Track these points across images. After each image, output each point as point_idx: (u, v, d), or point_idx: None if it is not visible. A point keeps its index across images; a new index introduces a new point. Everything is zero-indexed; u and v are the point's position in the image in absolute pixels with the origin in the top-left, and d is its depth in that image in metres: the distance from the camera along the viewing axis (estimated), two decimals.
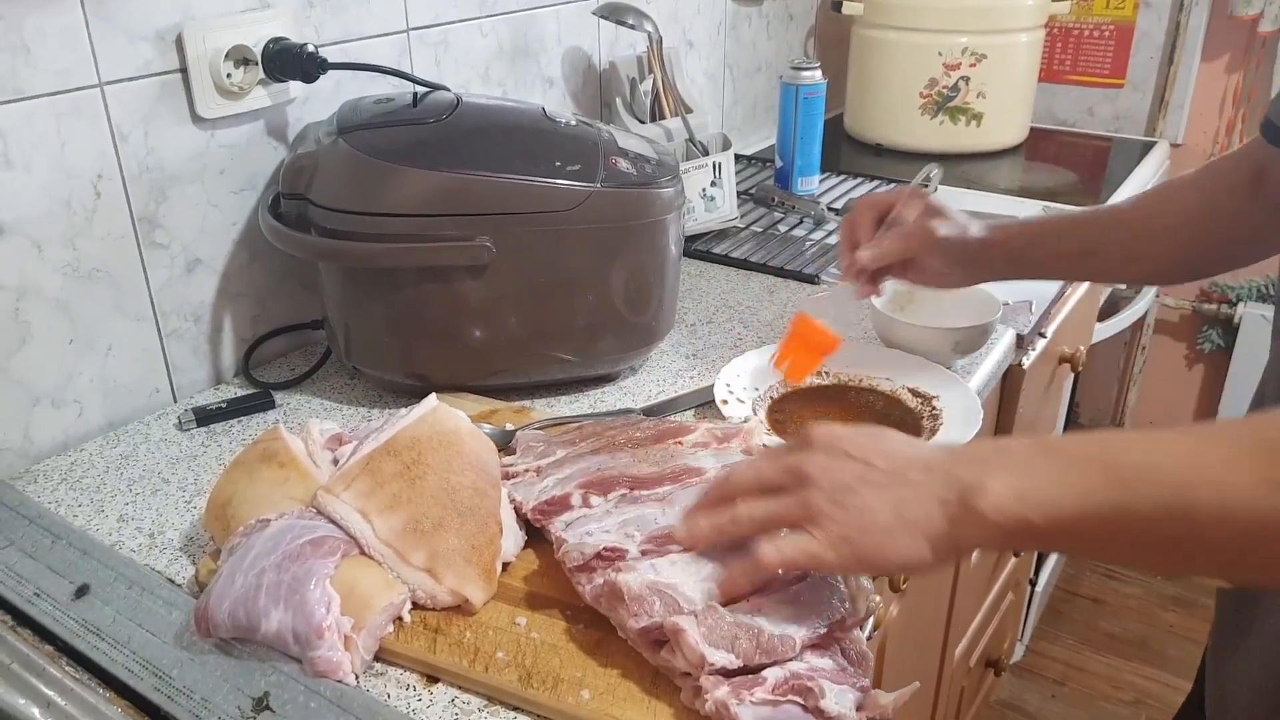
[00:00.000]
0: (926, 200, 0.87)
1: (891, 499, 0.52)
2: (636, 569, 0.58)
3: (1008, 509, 0.48)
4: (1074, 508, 0.47)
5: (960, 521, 0.50)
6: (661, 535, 0.61)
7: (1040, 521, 0.48)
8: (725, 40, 1.65)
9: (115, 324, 0.88)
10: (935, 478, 0.51)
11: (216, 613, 0.60)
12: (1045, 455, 0.49)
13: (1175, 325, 2.15)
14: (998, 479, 0.49)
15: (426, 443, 0.67)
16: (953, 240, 0.84)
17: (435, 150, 0.83)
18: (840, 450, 0.54)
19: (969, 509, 0.49)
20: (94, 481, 0.81)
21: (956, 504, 0.50)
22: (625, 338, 0.93)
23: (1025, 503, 0.48)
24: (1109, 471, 0.47)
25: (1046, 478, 0.48)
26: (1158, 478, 0.46)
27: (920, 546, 0.51)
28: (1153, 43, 1.92)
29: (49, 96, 0.79)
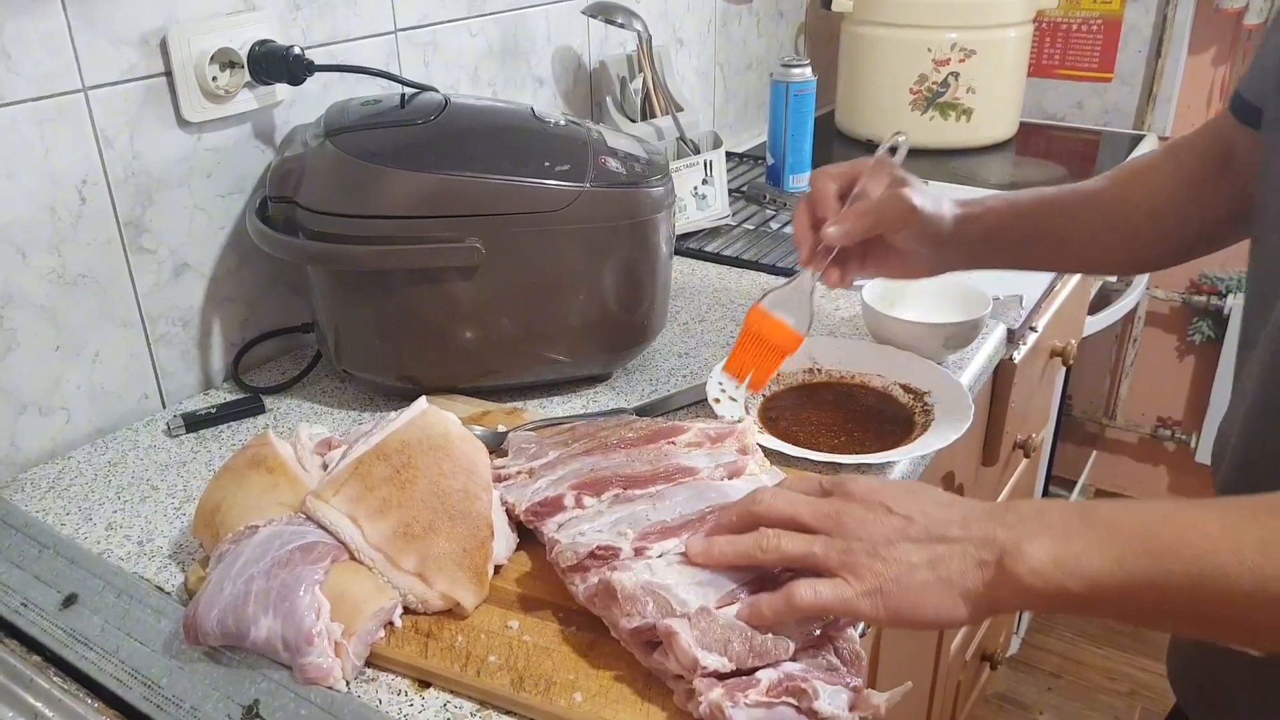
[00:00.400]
0: (894, 171, 0.78)
1: (929, 555, 0.52)
2: (631, 568, 0.58)
3: (1046, 575, 0.49)
4: (1111, 578, 0.48)
5: (997, 584, 0.50)
6: (654, 531, 0.61)
7: (1078, 589, 0.49)
8: (715, 38, 1.64)
9: (102, 330, 0.87)
10: (973, 537, 0.52)
11: (205, 620, 0.59)
12: (1083, 523, 0.50)
13: (1166, 317, 2.16)
14: (1036, 544, 0.50)
15: (416, 446, 0.66)
16: (928, 213, 0.77)
17: (424, 152, 0.83)
18: (880, 504, 0.55)
19: (1006, 572, 0.50)
20: (82, 489, 0.81)
21: (994, 566, 0.50)
22: (617, 337, 0.92)
23: (1064, 570, 0.49)
24: (1147, 545, 0.48)
25: (1085, 546, 0.49)
26: (1193, 557, 0.47)
27: (956, 604, 0.51)
28: (1140, 36, 1.92)
29: (32, 102, 0.79)
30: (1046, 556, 0.49)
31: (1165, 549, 0.48)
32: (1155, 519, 0.49)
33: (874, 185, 0.78)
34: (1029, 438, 1.38)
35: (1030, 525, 0.51)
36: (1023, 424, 1.36)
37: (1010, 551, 0.50)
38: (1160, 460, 2.31)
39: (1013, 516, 0.52)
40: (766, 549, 0.56)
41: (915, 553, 0.52)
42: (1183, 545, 0.47)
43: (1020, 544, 0.50)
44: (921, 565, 0.52)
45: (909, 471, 0.84)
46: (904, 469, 0.83)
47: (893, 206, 0.76)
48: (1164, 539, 0.48)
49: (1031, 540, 0.50)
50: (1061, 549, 0.49)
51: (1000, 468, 1.34)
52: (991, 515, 0.52)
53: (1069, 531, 0.50)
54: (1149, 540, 0.48)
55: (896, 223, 0.77)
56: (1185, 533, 0.48)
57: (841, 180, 0.79)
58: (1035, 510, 0.52)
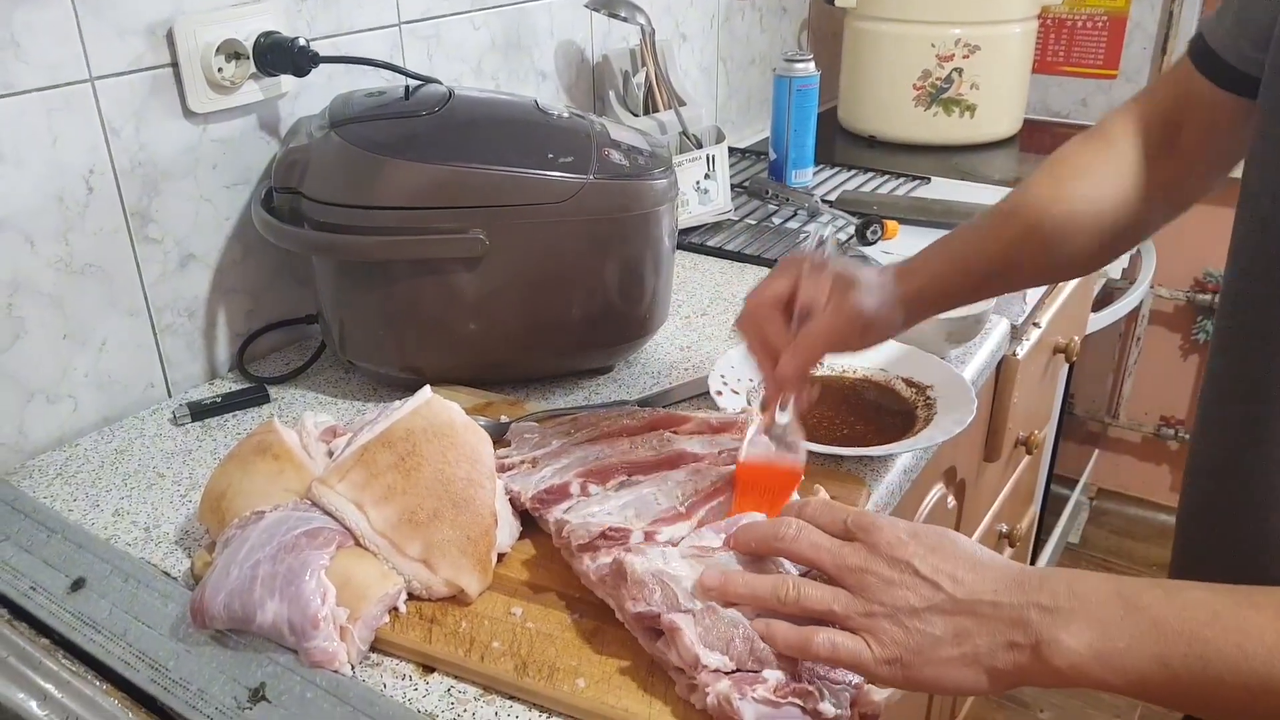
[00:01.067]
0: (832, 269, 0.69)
1: (955, 629, 0.50)
2: (646, 553, 0.58)
3: (1085, 669, 0.47)
4: (1155, 676, 0.47)
5: (1029, 669, 0.49)
6: (664, 517, 0.62)
7: (1119, 684, 0.47)
8: (718, 33, 1.65)
9: (109, 319, 0.88)
10: (1004, 616, 0.49)
11: (212, 604, 0.60)
12: (1125, 611, 0.48)
13: (1170, 316, 2.16)
14: (1073, 634, 0.47)
15: (421, 434, 0.67)
16: (883, 318, 0.71)
17: (428, 143, 0.83)
18: (906, 564, 0.52)
19: (1041, 660, 0.48)
20: (89, 476, 0.81)
21: (1028, 652, 0.48)
22: (619, 330, 0.93)
23: (1103, 664, 0.47)
24: (1195, 647, 0.46)
25: (1126, 640, 0.47)
26: (1247, 668, 0.45)
27: (978, 678, 0.50)
28: (1145, 33, 1.92)
29: (40, 91, 0.79)
30: (1086, 650, 0.47)
31: (1217, 654, 0.45)
32: (1203, 616, 0.47)
33: (816, 293, 0.68)
34: (1031, 435, 1.38)
35: (1066, 609, 0.48)
36: (1025, 421, 1.36)
37: (1046, 640, 0.48)
38: (1163, 460, 2.31)
39: (1047, 595, 0.49)
40: (785, 600, 0.54)
41: (941, 625, 0.50)
42: (1239, 655, 0.45)
43: (1057, 634, 0.48)
44: (946, 639, 0.50)
45: (911, 465, 0.84)
46: (906, 462, 0.83)
47: (846, 326, 0.69)
48: (1215, 643, 0.46)
49: (1068, 629, 0.47)
50: (1102, 643, 0.47)
51: (1002, 464, 1.35)
52: (1024, 588, 0.50)
53: (1109, 623, 0.47)
54: (1198, 643, 0.46)
55: (854, 339, 0.71)
56: (1239, 639, 0.45)
57: (782, 300, 0.70)
58: (1070, 590, 0.49)
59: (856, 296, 0.68)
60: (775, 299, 0.69)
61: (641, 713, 0.56)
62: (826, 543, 0.55)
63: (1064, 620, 0.48)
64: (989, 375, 1.09)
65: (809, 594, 0.54)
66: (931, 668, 0.50)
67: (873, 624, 0.51)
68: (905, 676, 0.51)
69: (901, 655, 0.50)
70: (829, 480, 0.76)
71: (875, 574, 0.52)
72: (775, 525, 0.57)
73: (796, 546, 0.56)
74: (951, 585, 0.51)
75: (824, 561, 0.54)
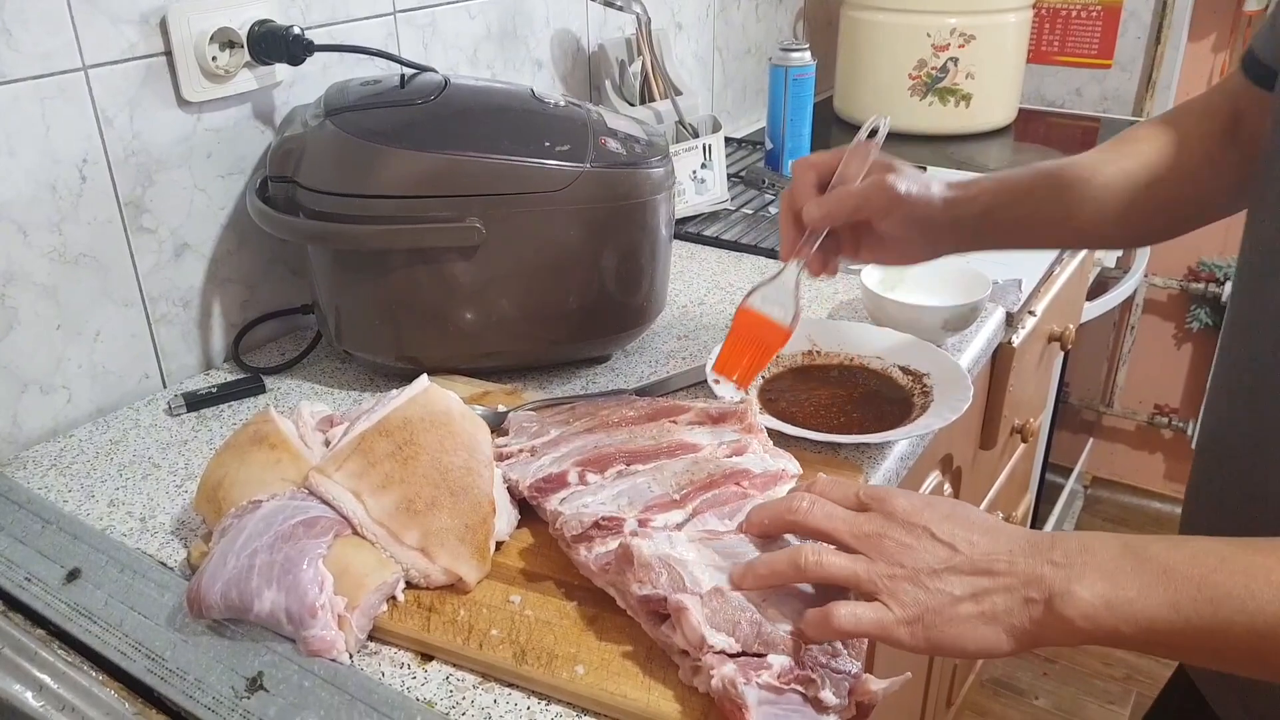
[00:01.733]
0: (875, 155, 0.74)
1: (973, 588, 0.51)
2: (652, 537, 0.58)
3: (1098, 618, 0.48)
4: (1165, 622, 0.47)
5: (1045, 623, 0.49)
6: (657, 504, 0.62)
7: (1130, 632, 0.48)
8: (714, 22, 1.64)
9: (103, 309, 0.87)
10: (1019, 573, 0.50)
11: (209, 594, 0.59)
12: (1135, 564, 0.49)
13: (1164, 305, 2.16)
14: (1087, 586, 0.48)
15: (418, 423, 0.67)
16: (915, 197, 0.73)
17: (424, 131, 0.83)
18: (923, 529, 0.53)
19: (1056, 613, 0.49)
20: (84, 467, 0.81)
21: (1043, 606, 0.49)
22: (617, 319, 0.93)
23: (1116, 613, 0.48)
24: (1204, 591, 0.47)
25: (1138, 588, 0.48)
26: (1257, 608, 0.46)
27: (999, 638, 0.50)
28: (1140, 23, 1.92)
29: (32, 80, 0.78)
30: (1098, 600, 0.48)
31: (1226, 596, 0.46)
32: (1211, 562, 0.48)
33: (854, 169, 0.73)
34: (1027, 423, 1.38)
35: (1078, 564, 0.49)
36: (1021, 408, 1.37)
37: (1060, 593, 0.49)
38: (1157, 448, 2.32)
39: (1059, 553, 0.50)
40: (807, 567, 0.54)
41: (959, 585, 0.51)
42: (1246, 594, 0.46)
43: (1070, 585, 0.49)
44: (965, 598, 0.50)
45: (908, 452, 0.84)
46: (903, 449, 0.83)
47: (875, 191, 0.72)
48: (1224, 586, 0.47)
49: (1081, 581, 0.49)
50: (1113, 592, 0.48)
51: (998, 452, 1.35)
52: (1037, 549, 0.51)
53: (1119, 572, 0.48)
54: (1206, 587, 0.47)
55: (880, 208, 0.73)
56: (1247, 580, 0.46)
57: (820, 168, 0.75)
58: (1081, 545, 0.50)
59: (891, 176, 0.73)
60: (814, 165, 0.75)
61: (640, 699, 0.56)
62: (840, 513, 0.55)
63: (1077, 574, 0.49)
64: (985, 363, 1.09)
65: (830, 560, 0.54)
66: (952, 626, 0.51)
67: (893, 585, 0.52)
68: (926, 637, 0.51)
69: (922, 615, 0.51)
70: (826, 468, 0.76)
71: (893, 538, 0.53)
72: (787, 500, 0.58)
73: (811, 519, 0.56)
74: (968, 547, 0.52)
75: (840, 530, 0.55)
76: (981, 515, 0.54)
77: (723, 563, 0.58)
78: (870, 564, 0.53)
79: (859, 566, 0.53)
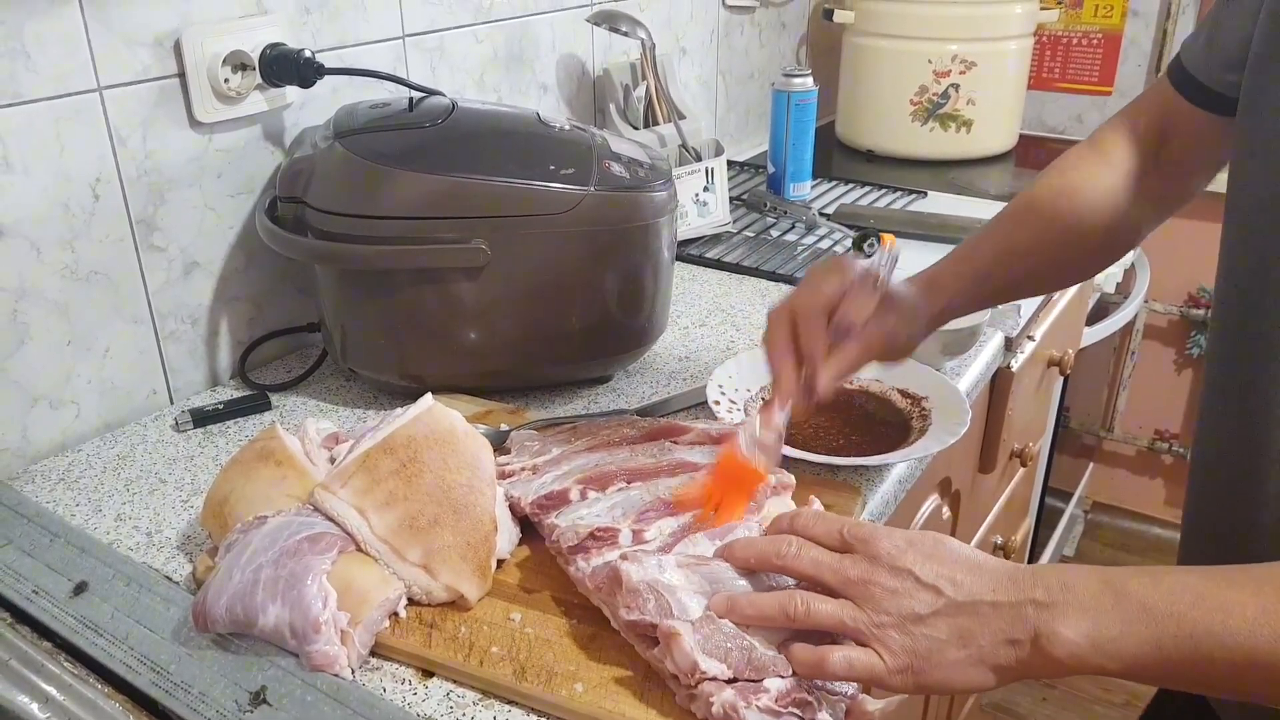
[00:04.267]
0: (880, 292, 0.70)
1: (959, 630, 0.52)
2: (641, 561, 0.59)
3: (1083, 656, 0.50)
4: (1149, 658, 0.49)
5: (1030, 662, 0.51)
6: (650, 510, 0.62)
7: (1115, 668, 0.50)
8: (718, 47, 1.66)
9: (113, 326, 0.89)
10: (1004, 613, 0.51)
11: (214, 608, 0.60)
12: (1115, 599, 0.50)
13: (1164, 330, 2.17)
14: (1070, 625, 0.50)
15: (422, 441, 0.67)
16: (912, 336, 0.75)
17: (431, 154, 0.84)
18: (907, 572, 0.53)
19: (1042, 652, 0.50)
20: (91, 481, 0.82)
21: (1029, 646, 0.50)
22: (619, 340, 0.94)
23: (1101, 652, 0.49)
24: (1183, 627, 0.48)
25: (1119, 627, 0.49)
26: (1232, 643, 0.48)
27: (984, 676, 0.52)
28: (1140, 51, 1.94)
29: (48, 101, 0.80)
30: (1083, 640, 0.49)
31: (1205, 633, 0.48)
32: (1188, 598, 0.49)
33: (859, 310, 0.68)
34: (1026, 447, 1.39)
35: (1060, 602, 0.50)
36: (1020, 433, 1.37)
37: (1044, 634, 0.50)
38: (1157, 473, 2.32)
39: (1041, 590, 0.51)
40: (795, 617, 0.55)
41: (945, 629, 0.52)
42: (1223, 630, 0.48)
43: (1054, 626, 0.50)
44: (952, 642, 0.52)
45: (906, 474, 0.85)
46: (901, 472, 0.84)
47: (878, 344, 0.71)
48: (1202, 623, 0.48)
49: (1065, 621, 0.50)
50: (1097, 631, 0.49)
51: (997, 476, 1.35)
52: (1019, 585, 0.52)
53: (1100, 610, 0.50)
54: (1185, 623, 0.48)
55: (881, 357, 0.73)
56: (1224, 617, 0.48)
57: (829, 307, 0.69)
58: (1062, 582, 0.51)
59: (894, 323, 0.71)
60: (824, 306, 0.68)
61: (638, 718, 0.56)
62: (826, 558, 0.56)
63: (1060, 613, 0.50)
64: (984, 387, 1.10)
65: (818, 609, 0.54)
66: (940, 671, 0.52)
67: (882, 634, 0.53)
68: (916, 682, 0.52)
69: (912, 663, 0.52)
70: (824, 490, 0.76)
71: (879, 584, 0.54)
72: (774, 543, 0.58)
73: (798, 565, 0.56)
74: (952, 589, 0.52)
75: (826, 577, 0.55)
76: (963, 551, 0.55)
77: (710, 589, 0.58)
78: (857, 611, 0.53)
79: (845, 614, 0.54)
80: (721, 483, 0.69)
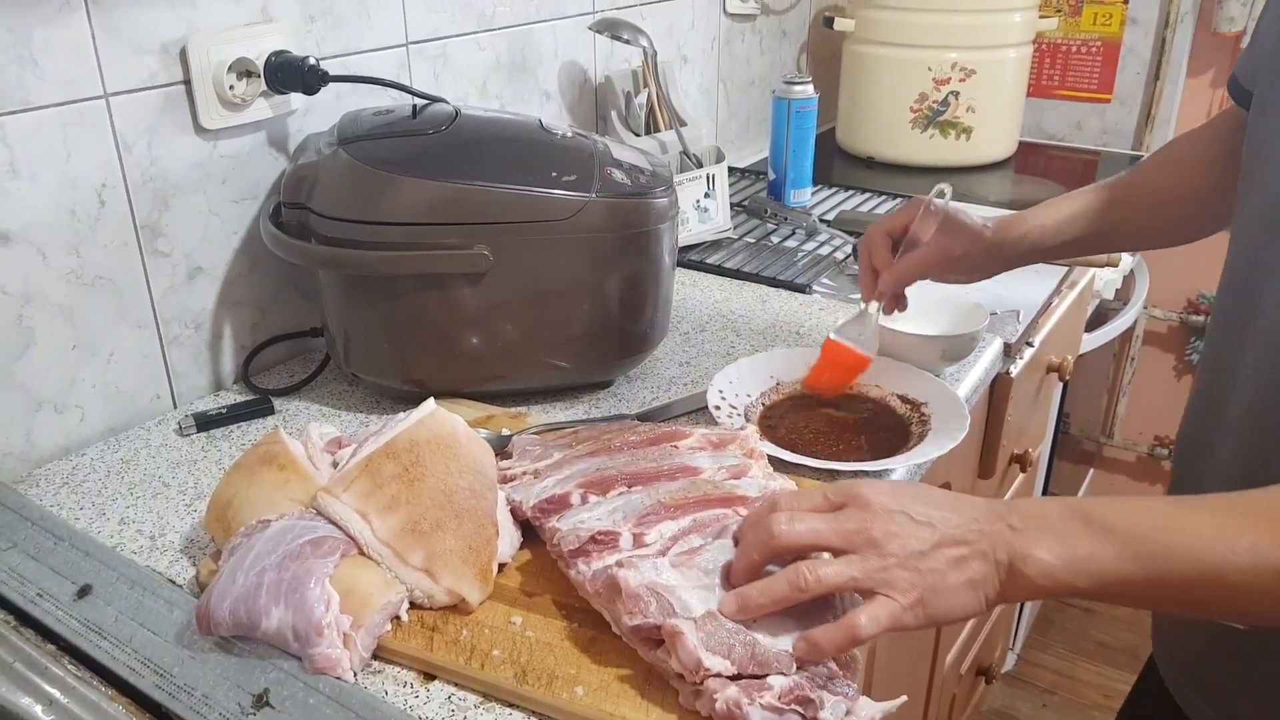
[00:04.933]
0: (941, 215, 0.88)
1: (954, 559, 0.55)
2: (637, 566, 0.59)
3: (1057, 577, 0.54)
4: (1114, 575, 0.53)
5: (1010, 583, 0.55)
6: (652, 514, 0.63)
7: (1085, 586, 0.54)
8: (719, 55, 1.67)
9: (117, 330, 0.89)
10: (988, 539, 0.55)
11: (218, 611, 0.61)
12: (1085, 526, 0.54)
13: (1164, 336, 2.18)
14: (1043, 548, 0.54)
15: (425, 445, 0.68)
16: (972, 253, 0.88)
17: (434, 160, 0.85)
18: (900, 513, 0.56)
19: (1019, 574, 0.54)
20: (95, 485, 0.83)
21: (1008, 567, 0.54)
22: (620, 345, 0.94)
23: (1073, 572, 0.54)
24: (1144, 546, 0.53)
25: (1088, 548, 0.53)
26: (1189, 557, 0.52)
27: (979, 601, 0.55)
28: (1139, 59, 1.95)
29: (55, 107, 0.81)
30: (1055, 560, 0.53)
31: (1165, 551, 0.52)
32: (1148, 520, 0.54)
33: (923, 230, 0.88)
34: (1025, 452, 1.39)
35: (1035, 528, 0.55)
36: (1019, 438, 1.38)
37: (1021, 556, 0.54)
38: (1157, 479, 2.32)
39: (1017, 518, 0.55)
40: (808, 586, 0.55)
41: (943, 559, 0.55)
42: (1182, 548, 0.52)
43: (1029, 549, 0.54)
44: (950, 571, 0.55)
45: (906, 480, 0.85)
46: (901, 477, 0.84)
47: (936, 256, 0.87)
48: (1160, 541, 0.53)
49: (1039, 545, 0.54)
50: (1068, 552, 0.53)
51: (997, 481, 1.36)
52: (998, 515, 0.56)
53: (1071, 534, 0.54)
54: (1148, 543, 0.53)
55: (943, 268, 0.89)
56: (1182, 536, 0.52)
57: (894, 231, 0.89)
58: (1036, 511, 0.56)
59: (950, 238, 0.88)
60: (888, 230, 0.90)
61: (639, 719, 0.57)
62: (821, 522, 0.57)
63: (1034, 537, 0.54)
64: (983, 393, 1.11)
65: (825, 572, 0.56)
66: (944, 599, 0.55)
67: (890, 576, 0.55)
68: (927, 614, 0.55)
69: (921, 595, 0.55)
70: None
71: (878, 528, 0.56)
72: (765, 526, 0.58)
73: (795, 535, 0.57)
74: (943, 523, 0.56)
75: (826, 536, 0.57)
76: (942, 492, 0.59)
77: (707, 580, 0.59)
78: (864, 561, 0.55)
79: (854, 569, 0.55)
80: (828, 363, 0.89)
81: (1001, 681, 1.92)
